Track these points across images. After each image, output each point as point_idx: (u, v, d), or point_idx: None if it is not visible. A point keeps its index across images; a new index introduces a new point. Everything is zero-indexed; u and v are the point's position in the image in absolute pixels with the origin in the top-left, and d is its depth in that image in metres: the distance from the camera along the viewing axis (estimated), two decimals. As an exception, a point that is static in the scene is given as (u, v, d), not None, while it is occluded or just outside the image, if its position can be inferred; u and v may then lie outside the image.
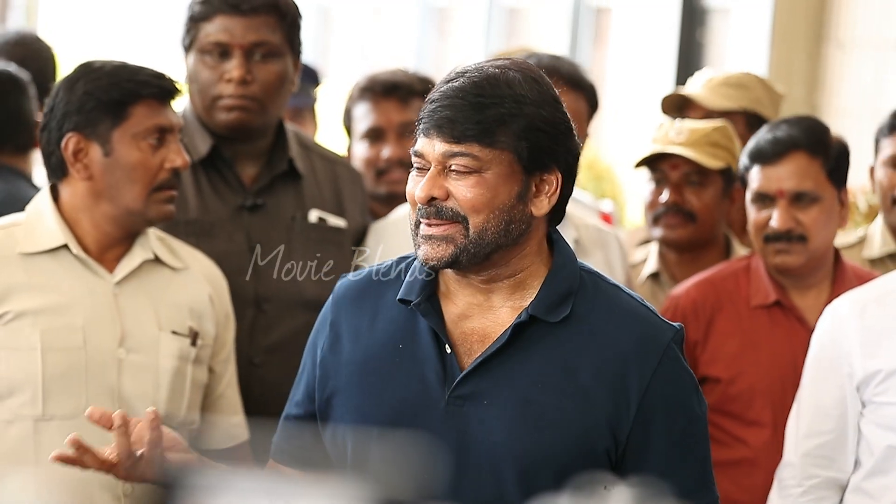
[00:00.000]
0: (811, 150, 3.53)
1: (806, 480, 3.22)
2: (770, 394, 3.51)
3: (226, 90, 3.45)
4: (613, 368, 2.46)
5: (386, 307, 2.55)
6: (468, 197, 2.44)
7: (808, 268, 3.56)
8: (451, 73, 2.50)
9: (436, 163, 2.45)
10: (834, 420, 3.19)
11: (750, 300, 3.61)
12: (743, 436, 3.54)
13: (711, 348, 3.59)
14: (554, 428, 2.45)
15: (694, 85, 4.51)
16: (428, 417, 2.47)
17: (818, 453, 3.20)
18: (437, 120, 2.44)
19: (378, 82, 4.03)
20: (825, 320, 3.24)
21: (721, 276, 3.66)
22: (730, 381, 3.56)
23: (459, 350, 2.50)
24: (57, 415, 3.04)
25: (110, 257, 3.14)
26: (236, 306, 3.39)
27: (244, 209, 3.51)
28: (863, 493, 3.16)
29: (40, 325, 3.04)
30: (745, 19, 7.55)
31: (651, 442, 2.47)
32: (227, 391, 3.26)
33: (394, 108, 4.01)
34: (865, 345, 3.14)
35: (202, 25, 3.47)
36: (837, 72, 6.86)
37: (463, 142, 2.43)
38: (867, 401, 3.15)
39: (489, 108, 2.44)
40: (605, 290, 2.54)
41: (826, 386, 3.20)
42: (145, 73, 3.12)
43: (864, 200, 5.30)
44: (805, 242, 3.51)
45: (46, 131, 3.11)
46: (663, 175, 3.92)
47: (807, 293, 3.60)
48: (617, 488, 2.42)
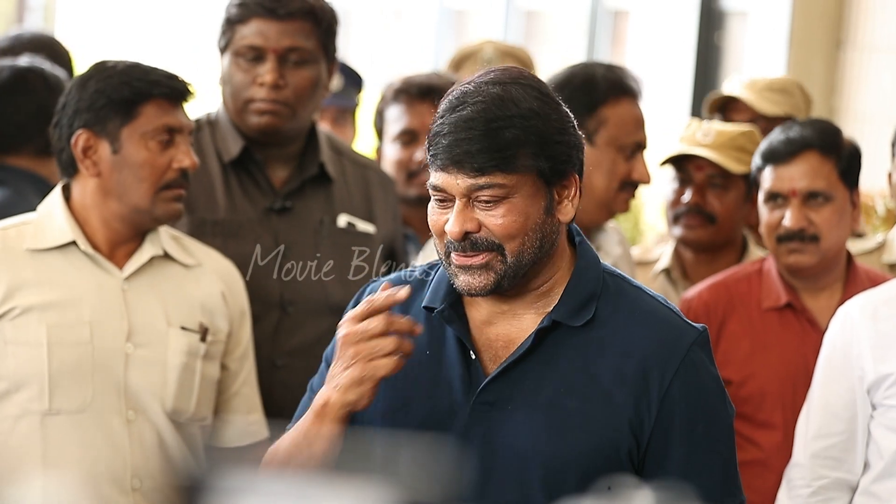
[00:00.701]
0: (824, 150, 3.54)
1: (815, 481, 3.22)
2: (781, 396, 3.51)
3: (258, 94, 3.46)
4: (635, 371, 2.45)
5: (415, 313, 2.53)
6: (501, 225, 2.42)
7: (821, 268, 3.56)
8: (451, 101, 2.47)
9: (460, 196, 2.43)
10: (844, 422, 3.18)
11: (762, 303, 3.61)
12: (754, 437, 3.55)
13: (723, 350, 3.60)
14: (579, 432, 2.45)
15: (735, 87, 4.53)
16: (453, 423, 2.47)
17: (827, 454, 3.20)
18: (455, 155, 2.41)
19: (413, 84, 4.04)
20: (836, 323, 3.23)
21: (733, 279, 3.67)
22: (741, 384, 3.57)
23: (484, 356, 2.50)
24: (64, 409, 3.05)
25: (120, 254, 3.16)
26: (261, 308, 3.39)
27: (272, 211, 3.51)
28: (872, 496, 3.15)
29: (47, 320, 3.05)
30: (764, 23, 7.53)
31: (671, 444, 2.46)
32: (244, 389, 3.27)
33: (428, 111, 3.99)
34: (877, 348, 3.14)
35: (238, 28, 3.47)
36: (856, 76, 6.83)
37: (486, 173, 2.41)
38: (877, 403, 3.15)
39: (503, 132, 2.41)
40: (628, 292, 2.54)
41: (836, 388, 3.19)
42: (157, 73, 3.14)
43: (882, 205, 5.29)
44: (817, 242, 3.51)
45: (58, 128, 3.14)
46: (687, 175, 3.94)
47: (818, 295, 3.60)
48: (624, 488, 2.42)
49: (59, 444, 3.03)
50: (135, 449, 3.07)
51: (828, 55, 6.97)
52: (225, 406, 3.25)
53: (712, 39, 8.29)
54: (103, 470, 3.04)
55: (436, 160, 2.44)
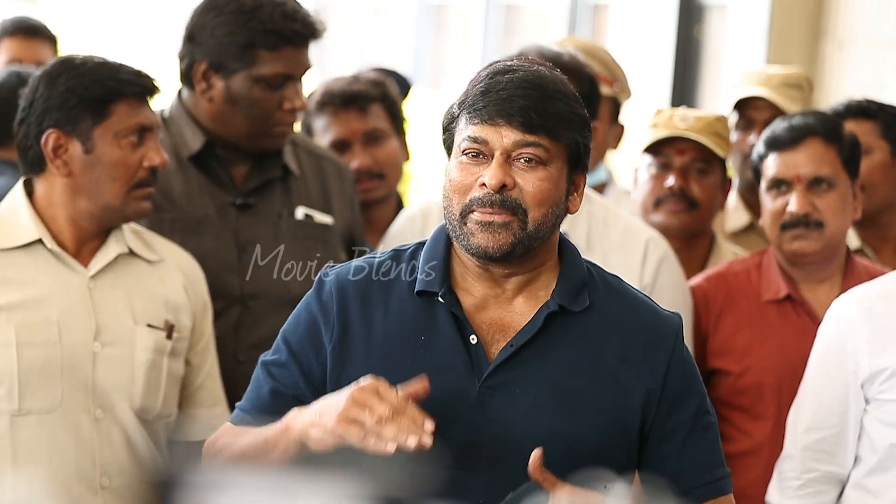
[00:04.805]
0: (827, 136, 3.55)
1: (805, 474, 3.22)
2: (779, 388, 3.52)
3: (286, 119, 3.48)
4: (637, 352, 2.52)
5: (398, 300, 2.54)
6: (535, 189, 2.45)
7: (822, 256, 3.56)
8: (497, 68, 2.49)
9: (501, 151, 2.45)
10: (836, 416, 3.19)
11: (761, 295, 3.62)
12: (750, 429, 3.56)
13: (721, 341, 3.61)
14: (589, 410, 2.48)
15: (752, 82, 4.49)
16: (459, 407, 2.47)
17: (818, 448, 3.20)
18: (509, 109, 2.43)
19: (335, 94, 4.03)
20: (831, 317, 3.23)
21: (733, 271, 3.69)
22: (739, 375, 3.58)
23: (483, 340, 2.51)
24: (34, 409, 3.03)
25: (85, 251, 3.15)
26: (222, 303, 3.39)
27: (232, 207, 3.49)
28: (864, 490, 3.15)
29: (15, 319, 3.04)
30: (743, 16, 7.52)
31: (672, 420, 2.53)
32: (207, 382, 3.26)
33: (355, 118, 4.02)
34: (872, 342, 3.14)
35: (262, 53, 3.43)
36: (835, 70, 6.83)
37: (535, 132, 2.44)
38: (871, 398, 3.14)
39: (557, 101, 2.46)
40: (610, 280, 2.60)
41: (830, 382, 3.19)
42: (126, 70, 3.13)
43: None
44: (822, 229, 3.52)
45: (25, 125, 3.11)
46: (668, 160, 3.91)
47: (818, 288, 3.60)
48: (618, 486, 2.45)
49: (29, 443, 3.02)
50: (103, 447, 3.07)
51: (807, 48, 6.97)
52: (189, 400, 3.24)
53: (692, 33, 8.29)
54: (72, 469, 3.03)
55: (480, 113, 2.45)
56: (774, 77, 4.51)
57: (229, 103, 3.47)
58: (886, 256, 4.10)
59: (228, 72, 3.45)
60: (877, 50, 6.60)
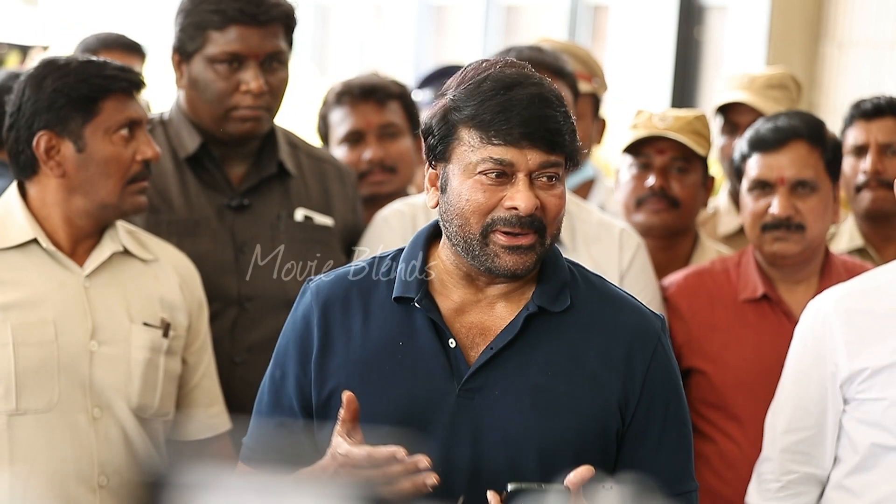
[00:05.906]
0: (811, 139, 3.54)
1: (784, 476, 3.21)
2: (755, 388, 3.51)
3: (243, 101, 3.44)
4: (617, 353, 2.51)
5: (377, 307, 2.54)
6: (555, 207, 2.47)
7: (802, 259, 3.56)
8: (502, 80, 2.45)
9: (526, 172, 2.44)
10: (814, 417, 3.17)
11: (738, 294, 3.61)
12: (727, 428, 3.55)
13: (698, 340, 3.60)
14: (568, 412, 2.48)
15: (734, 87, 4.49)
16: (438, 411, 2.47)
17: (797, 449, 3.19)
18: (533, 130, 2.43)
19: (355, 86, 4.05)
20: (808, 317, 3.21)
21: (711, 270, 3.68)
22: (715, 374, 3.57)
23: (462, 344, 2.51)
24: (31, 409, 3.03)
25: (80, 251, 3.15)
26: (219, 305, 3.39)
27: (229, 208, 3.50)
28: (845, 490, 3.14)
29: (11, 319, 3.04)
30: (743, 17, 7.53)
31: (650, 423, 2.52)
32: (204, 381, 3.26)
33: (372, 111, 4.02)
34: (850, 343, 3.11)
35: (212, 33, 3.43)
36: (834, 70, 6.84)
37: (555, 152, 2.45)
38: (850, 398, 3.13)
39: (567, 118, 2.47)
40: (592, 280, 2.59)
41: (808, 382, 3.18)
42: (111, 67, 3.13)
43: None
44: (803, 232, 3.52)
45: (14, 130, 3.11)
46: (648, 160, 3.91)
47: (795, 288, 3.60)
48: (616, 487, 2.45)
49: (26, 443, 3.02)
50: (101, 446, 3.07)
51: (806, 50, 6.98)
52: (186, 400, 3.24)
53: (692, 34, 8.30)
54: (70, 468, 3.03)
55: (504, 134, 2.43)
56: (757, 79, 4.51)
57: (193, 88, 3.47)
58: (890, 256, 4.09)
59: (188, 56, 3.45)
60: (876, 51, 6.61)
